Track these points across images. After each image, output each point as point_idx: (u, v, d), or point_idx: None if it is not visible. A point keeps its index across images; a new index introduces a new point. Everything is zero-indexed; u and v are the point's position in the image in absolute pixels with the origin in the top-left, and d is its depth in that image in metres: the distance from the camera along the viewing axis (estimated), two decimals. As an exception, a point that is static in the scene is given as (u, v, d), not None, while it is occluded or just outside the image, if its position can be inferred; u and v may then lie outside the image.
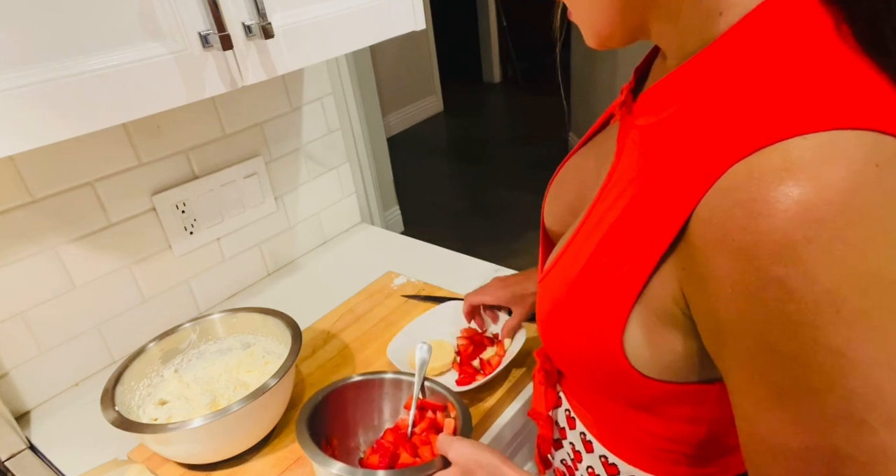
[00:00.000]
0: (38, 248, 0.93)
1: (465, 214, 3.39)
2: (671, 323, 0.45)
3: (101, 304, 1.03)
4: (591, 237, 0.50)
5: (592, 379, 0.54)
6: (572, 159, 0.66)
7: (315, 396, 0.77)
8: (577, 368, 0.55)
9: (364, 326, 1.07)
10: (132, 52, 0.65)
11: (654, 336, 0.46)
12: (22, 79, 0.58)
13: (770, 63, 0.39)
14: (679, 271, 0.42)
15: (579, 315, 0.50)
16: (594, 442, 0.63)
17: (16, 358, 0.95)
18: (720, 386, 0.46)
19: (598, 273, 0.48)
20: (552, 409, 0.71)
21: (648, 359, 0.47)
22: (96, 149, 0.96)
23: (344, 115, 1.38)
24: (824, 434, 0.36)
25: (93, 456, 0.86)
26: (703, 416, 0.51)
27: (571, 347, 0.53)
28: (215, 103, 1.10)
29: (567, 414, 0.68)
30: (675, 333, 0.45)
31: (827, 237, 0.33)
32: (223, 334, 0.96)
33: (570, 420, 0.67)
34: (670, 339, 0.45)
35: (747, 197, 0.35)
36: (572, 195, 0.63)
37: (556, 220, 0.65)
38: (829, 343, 0.34)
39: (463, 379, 0.88)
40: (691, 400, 0.50)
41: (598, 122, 0.64)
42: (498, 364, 0.90)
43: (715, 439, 0.54)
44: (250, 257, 1.24)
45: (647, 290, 0.44)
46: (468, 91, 5.38)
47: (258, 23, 0.73)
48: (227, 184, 1.15)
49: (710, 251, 0.37)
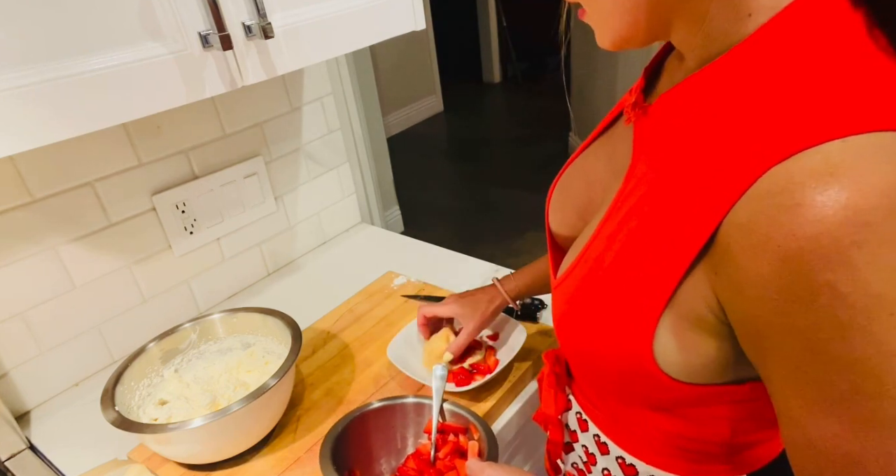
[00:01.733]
0: (38, 248, 0.93)
1: (465, 214, 3.39)
2: (704, 328, 0.44)
3: (101, 304, 1.03)
4: (612, 241, 0.49)
5: (614, 382, 0.53)
6: (576, 162, 0.65)
7: (335, 427, 0.76)
8: (598, 372, 0.54)
9: (364, 326, 1.07)
10: (132, 52, 0.65)
11: (685, 341, 0.45)
12: (22, 79, 0.58)
13: (802, 64, 0.38)
14: (712, 277, 0.41)
15: (605, 320, 0.49)
16: (609, 443, 0.62)
17: (16, 358, 0.95)
18: (749, 386, 0.47)
19: (624, 278, 0.47)
20: (562, 413, 0.70)
21: (679, 363, 0.46)
22: (96, 149, 0.96)
23: (344, 115, 1.38)
24: (878, 439, 0.36)
25: (93, 456, 0.86)
26: (728, 415, 0.51)
27: (595, 352, 0.52)
28: (215, 103, 1.10)
29: (578, 416, 0.68)
30: (708, 338, 0.45)
31: (876, 240, 0.33)
32: (223, 334, 0.96)
33: (582, 422, 0.67)
34: (702, 343, 0.45)
35: (791, 201, 0.34)
36: (579, 198, 0.62)
37: (563, 223, 0.65)
38: (883, 347, 0.34)
39: (461, 380, 0.88)
40: (718, 401, 0.50)
41: (604, 124, 0.63)
42: (495, 365, 0.90)
43: (737, 437, 0.54)
44: (250, 257, 1.24)
45: (678, 296, 0.44)
46: (468, 91, 5.39)
47: (258, 23, 0.73)
48: (227, 184, 1.15)
49: (751, 257, 0.37)
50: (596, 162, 0.61)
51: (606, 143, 0.61)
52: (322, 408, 0.89)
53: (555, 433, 0.70)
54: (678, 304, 0.44)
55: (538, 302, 1.06)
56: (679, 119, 0.46)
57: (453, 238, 3.12)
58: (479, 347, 0.93)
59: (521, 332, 0.93)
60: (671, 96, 0.47)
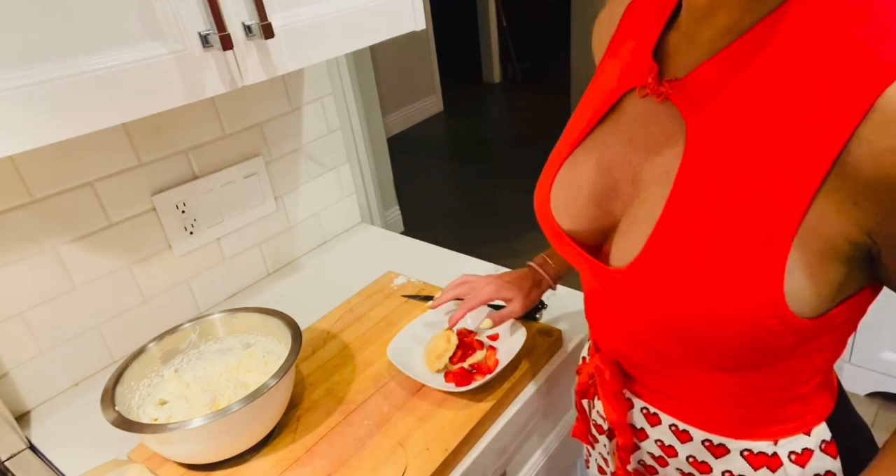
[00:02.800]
0: (38, 248, 0.93)
1: (465, 214, 3.39)
2: (836, 257, 0.45)
3: (101, 304, 1.03)
4: (703, 205, 0.48)
5: (730, 347, 0.50)
6: (575, 156, 0.63)
7: None
8: (713, 342, 0.50)
9: (364, 326, 1.07)
10: (132, 52, 0.65)
11: (815, 274, 0.45)
12: (22, 79, 0.58)
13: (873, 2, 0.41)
14: (851, 208, 0.42)
15: (726, 279, 0.47)
16: (691, 429, 0.62)
17: (16, 358, 0.95)
18: (847, 303, 0.49)
19: (738, 232, 0.46)
20: (627, 414, 0.68)
21: (808, 298, 0.46)
22: (96, 149, 0.96)
23: (344, 115, 1.38)
24: None
25: (93, 456, 0.86)
26: (823, 344, 0.53)
27: (714, 317, 0.48)
28: (215, 103, 1.10)
29: (645, 412, 0.66)
30: (837, 265, 0.45)
31: None
32: (223, 334, 0.96)
33: (651, 416, 0.65)
34: (832, 271, 0.46)
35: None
36: (596, 189, 0.60)
37: (577, 218, 0.62)
38: None
39: (461, 380, 0.88)
40: (823, 329, 0.50)
41: (599, 115, 0.61)
42: (496, 365, 0.90)
43: (825, 367, 0.56)
44: (250, 257, 1.24)
45: (803, 232, 0.44)
46: (468, 91, 5.38)
47: (258, 23, 0.73)
48: (227, 184, 1.15)
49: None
50: (607, 150, 0.60)
51: (616, 131, 0.59)
52: (322, 408, 0.89)
53: (625, 437, 0.68)
54: (806, 238, 0.44)
55: (539, 302, 1.06)
56: (746, 75, 0.47)
57: (453, 238, 3.12)
58: (480, 347, 0.93)
59: (521, 333, 0.93)
60: (725, 57, 0.48)
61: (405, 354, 0.93)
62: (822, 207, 0.43)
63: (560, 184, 0.64)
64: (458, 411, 0.86)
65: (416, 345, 0.96)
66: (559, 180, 0.64)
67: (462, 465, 0.82)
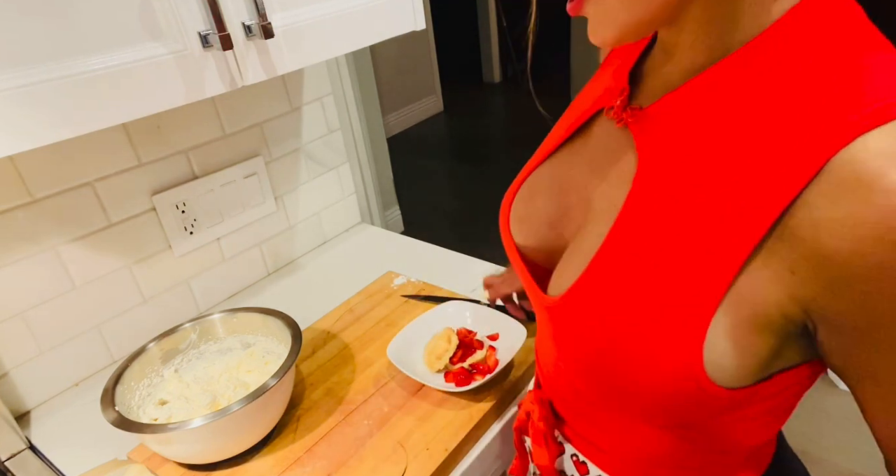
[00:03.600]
0: (38, 248, 0.93)
1: (466, 214, 3.39)
2: (765, 328, 0.41)
3: (101, 304, 1.03)
4: (636, 248, 0.46)
5: (649, 404, 0.47)
6: (540, 170, 0.60)
7: None
8: (629, 395, 0.48)
9: (364, 326, 1.07)
10: (132, 52, 0.65)
11: (739, 343, 0.41)
12: (22, 79, 0.58)
13: (836, 52, 0.38)
14: (787, 277, 0.38)
15: (643, 333, 0.44)
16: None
17: (16, 358, 0.95)
18: (778, 378, 0.44)
19: (663, 285, 0.43)
20: (556, 459, 0.65)
21: (729, 367, 0.42)
22: (96, 149, 0.96)
23: (344, 115, 1.38)
24: None
25: (93, 456, 0.86)
26: (752, 415, 0.49)
27: (629, 371, 0.46)
28: (215, 103, 1.10)
29: (574, 459, 0.63)
30: (765, 336, 0.41)
31: None
32: (223, 334, 0.96)
33: (580, 465, 0.62)
34: (760, 343, 0.41)
35: (873, 178, 0.33)
36: (550, 208, 0.58)
37: (530, 235, 0.60)
38: None
39: (461, 380, 0.88)
40: (750, 400, 0.46)
41: (570, 131, 0.59)
42: (496, 365, 0.90)
43: (756, 438, 0.52)
44: (250, 257, 1.24)
45: (732, 297, 0.40)
46: (468, 91, 5.38)
47: (258, 23, 0.73)
48: (227, 184, 1.15)
49: (866, 247, 0.34)
50: (569, 169, 0.57)
51: (581, 151, 0.57)
52: (322, 408, 0.89)
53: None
54: (734, 305, 0.41)
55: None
56: (699, 117, 0.44)
57: (453, 238, 3.12)
58: (480, 347, 0.93)
59: (521, 332, 0.93)
60: (681, 95, 0.45)
61: (405, 354, 0.93)
62: (756, 272, 0.39)
63: (521, 198, 0.62)
64: (458, 411, 0.86)
65: (416, 345, 0.96)
66: (521, 194, 0.62)
67: (462, 465, 0.82)
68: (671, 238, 0.44)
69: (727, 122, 0.42)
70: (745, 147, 0.40)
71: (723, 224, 0.41)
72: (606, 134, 0.54)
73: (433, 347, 0.92)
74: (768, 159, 0.38)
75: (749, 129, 0.41)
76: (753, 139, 0.40)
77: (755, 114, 0.40)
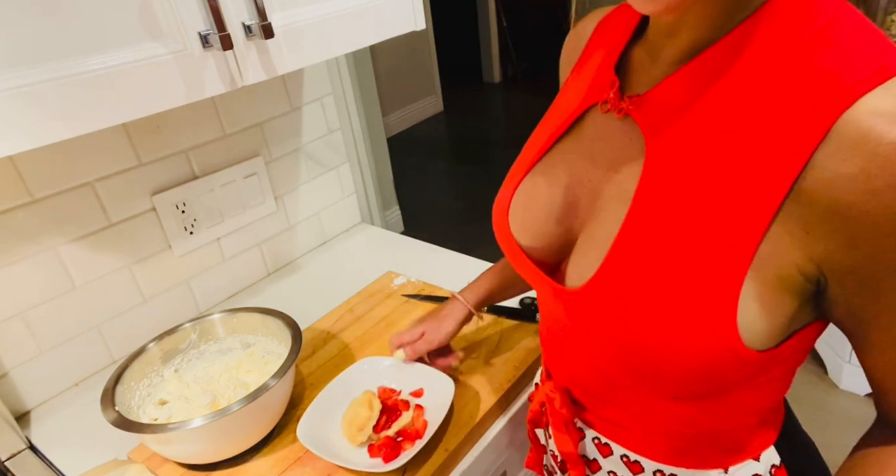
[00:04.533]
0: (38, 248, 0.93)
1: (465, 214, 3.39)
2: (788, 288, 0.44)
3: (101, 304, 1.03)
4: (658, 227, 0.47)
5: (681, 376, 0.48)
6: (535, 171, 0.61)
7: None
8: (663, 370, 0.48)
9: (364, 326, 1.07)
10: (132, 52, 0.65)
11: (768, 305, 0.44)
12: (22, 79, 0.58)
13: (826, 25, 0.41)
14: (803, 237, 0.41)
15: (677, 308, 0.45)
16: (643, 460, 0.60)
17: (16, 358, 0.95)
18: (796, 338, 0.47)
19: (693, 258, 0.44)
20: (579, 445, 0.66)
21: (761, 331, 0.45)
22: (96, 149, 0.96)
23: (344, 115, 1.38)
24: None
25: (93, 456, 0.86)
26: (770, 377, 0.52)
27: (664, 345, 0.46)
28: (215, 103, 1.10)
29: (597, 442, 0.64)
30: (789, 297, 0.44)
31: None
32: (223, 334, 0.96)
33: (603, 447, 0.64)
34: (784, 303, 0.44)
35: (878, 137, 0.36)
36: (555, 205, 0.58)
37: (536, 234, 0.60)
38: None
39: (388, 453, 0.77)
40: (771, 363, 0.48)
41: (560, 131, 0.59)
42: (425, 427, 0.80)
43: (771, 400, 0.56)
44: (250, 257, 1.24)
45: (757, 261, 0.42)
46: (468, 91, 5.38)
47: (258, 23, 0.73)
48: (227, 184, 1.15)
49: (871, 203, 0.37)
50: (569, 166, 0.58)
51: (576, 147, 0.58)
52: (322, 408, 0.89)
53: (577, 470, 0.66)
54: (760, 269, 0.43)
55: (535, 303, 1.06)
56: (706, 92, 0.46)
57: (453, 238, 3.11)
58: (406, 408, 0.82)
59: (448, 384, 0.83)
60: (685, 75, 0.47)
61: (320, 431, 0.81)
62: (777, 235, 0.42)
63: (519, 200, 0.62)
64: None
65: (331, 416, 0.84)
66: (518, 196, 0.62)
67: (462, 465, 0.82)
68: (691, 215, 0.45)
69: (731, 98, 0.44)
70: (751, 120, 0.42)
71: (740, 195, 0.42)
72: (604, 126, 0.55)
73: (353, 417, 0.81)
74: (775, 129, 0.41)
75: (753, 103, 0.43)
76: (758, 111, 0.42)
77: (758, 87, 0.43)
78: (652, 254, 0.47)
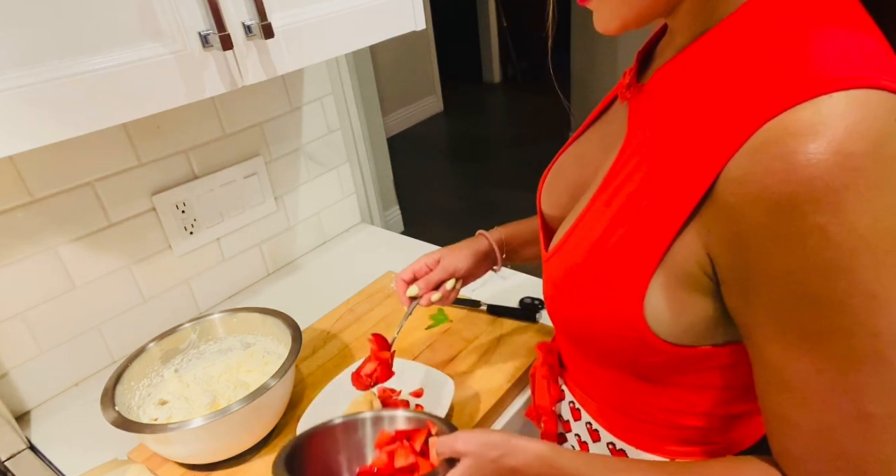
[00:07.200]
0: (38, 248, 0.93)
1: (465, 214, 3.39)
2: (693, 286, 0.46)
3: (101, 304, 1.03)
4: (605, 210, 0.51)
5: (605, 350, 0.54)
6: (571, 148, 0.68)
7: (285, 447, 0.64)
8: (589, 341, 0.55)
9: (364, 326, 1.07)
10: (132, 52, 0.65)
11: (674, 300, 0.47)
12: (22, 79, 0.58)
13: (790, 30, 0.41)
14: (705, 234, 0.43)
15: (597, 284, 0.51)
16: (601, 430, 0.65)
17: (16, 358, 0.95)
18: (730, 348, 0.49)
19: (617, 242, 0.49)
20: (556, 404, 0.72)
21: (668, 322, 0.48)
22: (96, 149, 0.96)
23: (344, 115, 1.38)
24: (851, 371, 0.39)
25: (93, 456, 0.86)
26: (711, 382, 0.53)
27: (587, 317, 0.53)
28: (215, 103, 1.10)
29: (571, 406, 0.70)
30: (696, 296, 0.46)
31: (864, 184, 0.35)
32: (223, 334, 0.96)
33: (575, 411, 0.69)
34: (691, 301, 0.47)
35: (785, 150, 0.36)
36: (572, 180, 0.64)
37: (555, 204, 0.67)
38: (863, 286, 0.37)
39: None
40: (701, 365, 0.51)
41: (597, 110, 0.66)
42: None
43: (720, 409, 0.55)
44: (250, 257, 1.24)
45: (669, 255, 0.45)
46: (468, 91, 5.38)
47: (258, 23, 0.73)
48: (227, 184, 1.15)
49: (747, 207, 0.38)
50: (589, 145, 0.64)
51: (600, 127, 0.64)
52: (322, 408, 0.89)
53: (549, 424, 0.72)
54: (670, 263, 0.45)
55: (538, 301, 1.06)
56: (673, 91, 0.48)
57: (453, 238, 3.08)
58: (406, 407, 0.81)
59: (448, 384, 0.83)
60: (665, 72, 0.49)
61: None
62: (689, 233, 0.44)
63: (553, 171, 0.69)
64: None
65: (332, 415, 0.77)
66: (555, 167, 0.69)
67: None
68: (630, 203, 0.48)
69: (689, 95, 0.46)
70: (698, 118, 0.44)
71: (671, 191, 0.45)
72: (615, 112, 0.61)
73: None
74: (715, 129, 0.41)
75: (704, 102, 0.44)
76: (706, 111, 0.43)
77: (713, 87, 0.44)
78: (592, 234, 0.51)
